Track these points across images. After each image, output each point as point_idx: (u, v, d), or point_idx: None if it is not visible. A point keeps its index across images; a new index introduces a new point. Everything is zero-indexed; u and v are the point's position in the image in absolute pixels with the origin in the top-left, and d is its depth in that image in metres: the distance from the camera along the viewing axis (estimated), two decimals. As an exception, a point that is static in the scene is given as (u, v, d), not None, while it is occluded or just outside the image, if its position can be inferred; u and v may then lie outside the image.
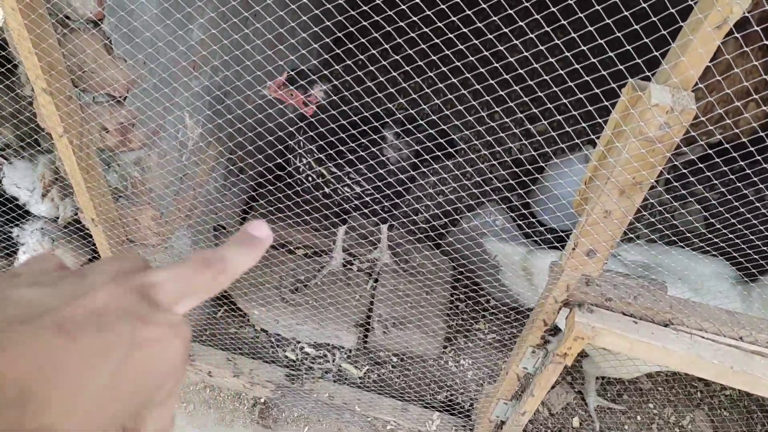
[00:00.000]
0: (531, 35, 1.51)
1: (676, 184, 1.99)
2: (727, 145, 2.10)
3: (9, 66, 2.29)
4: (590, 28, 1.35)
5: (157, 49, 1.75)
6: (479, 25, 1.51)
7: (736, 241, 2.13)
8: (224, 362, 2.73)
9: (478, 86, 1.77)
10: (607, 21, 1.38)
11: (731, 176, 2.48)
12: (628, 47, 1.30)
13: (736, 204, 2.37)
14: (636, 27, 1.28)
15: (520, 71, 1.73)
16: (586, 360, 2.74)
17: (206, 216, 2.63)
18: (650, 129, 1.27)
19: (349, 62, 1.79)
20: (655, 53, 1.25)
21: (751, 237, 2.02)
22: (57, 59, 1.61)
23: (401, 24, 1.64)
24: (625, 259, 2.58)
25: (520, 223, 3.31)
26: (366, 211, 2.62)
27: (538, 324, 1.94)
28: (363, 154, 2.28)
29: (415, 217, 3.53)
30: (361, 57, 1.70)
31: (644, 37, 1.27)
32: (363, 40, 1.82)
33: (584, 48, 1.40)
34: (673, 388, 2.95)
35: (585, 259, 1.60)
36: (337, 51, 1.93)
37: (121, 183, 2.03)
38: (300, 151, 2.35)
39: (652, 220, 3.31)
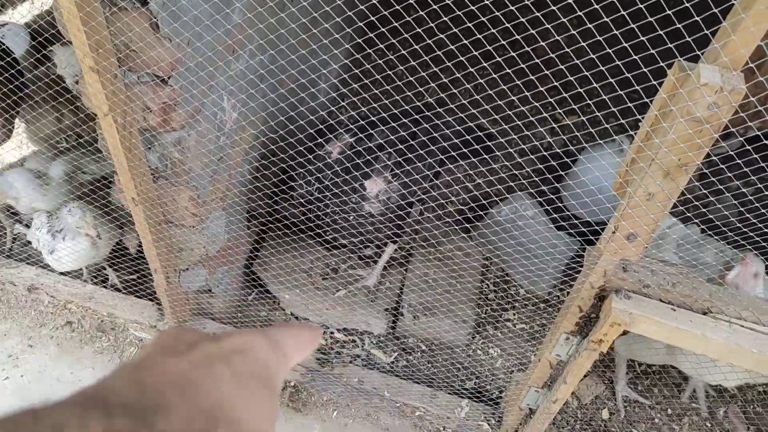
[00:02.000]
0: (563, 18, 1.50)
1: (712, 178, 1.96)
2: (766, 141, 2.06)
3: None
4: (622, 12, 1.33)
5: (201, 27, 1.78)
6: (511, 8, 1.50)
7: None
8: (256, 344, 2.76)
9: (508, 70, 1.76)
10: (640, 5, 1.36)
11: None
12: (660, 32, 1.29)
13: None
14: (669, 12, 1.26)
15: (552, 55, 1.71)
16: (619, 339, 2.70)
17: (239, 198, 2.66)
18: (698, 109, 1.26)
19: (381, 46, 1.79)
20: (706, 32, 1.23)
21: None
22: (105, 37, 1.64)
23: (434, 7, 1.64)
24: None
25: (549, 209, 3.29)
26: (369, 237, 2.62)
27: (573, 310, 1.93)
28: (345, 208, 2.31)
29: (444, 202, 3.53)
30: (394, 41, 1.70)
31: (676, 22, 1.25)
32: (396, 24, 1.81)
33: (617, 32, 1.38)
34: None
35: (625, 243, 1.59)
36: (370, 34, 1.93)
37: (161, 163, 2.06)
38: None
39: (687, 214, 3.27)
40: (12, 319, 2.95)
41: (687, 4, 1.21)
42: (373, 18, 1.74)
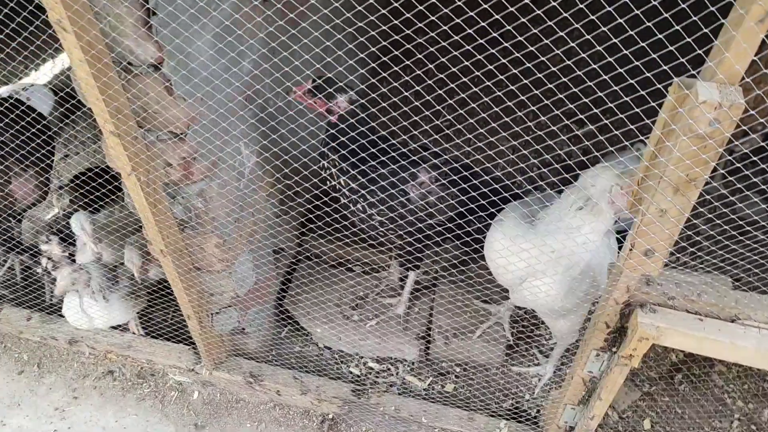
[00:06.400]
0: (572, 44, 1.53)
1: (731, 179, 1.95)
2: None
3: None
4: (631, 32, 1.36)
5: (213, 86, 1.85)
6: (520, 39, 1.54)
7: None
8: (291, 381, 2.81)
9: (521, 96, 1.80)
10: (647, 24, 1.39)
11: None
12: (671, 48, 1.31)
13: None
14: (677, 27, 1.29)
15: (564, 80, 1.75)
16: None
17: (266, 240, 2.72)
18: (700, 126, 1.27)
19: (395, 84, 1.85)
20: (699, 51, 1.26)
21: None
22: (123, 103, 1.72)
23: (444, 44, 1.68)
24: None
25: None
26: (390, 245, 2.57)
27: (599, 327, 1.94)
28: (384, 183, 2.29)
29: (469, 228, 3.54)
30: (405, 77, 1.75)
31: (686, 36, 1.28)
32: (407, 62, 1.86)
33: (626, 52, 1.41)
34: (745, 384, 2.87)
35: (643, 259, 1.60)
36: (383, 74, 1.98)
37: (185, 214, 2.13)
38: (327, 161, 2.42)
39: (711, 216, 3.22)
40: (56, 372, 3.04)
41: (677, 27, 1.24)
42: (384, 58, 1.79)
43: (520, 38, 1.47)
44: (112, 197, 3.06)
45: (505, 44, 1.45)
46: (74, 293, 2.70)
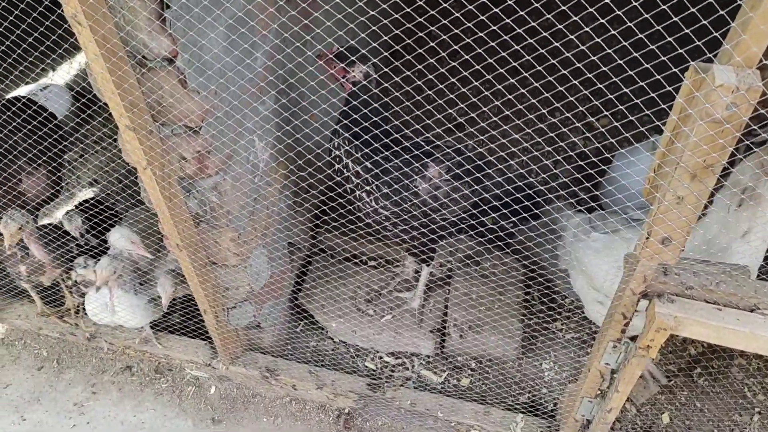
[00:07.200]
0: (586, 29, 1.52)
1: (750, 164, 1.94)
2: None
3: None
4: (646, 15, 1.35)
5: (226, 78, 1.86)
6: (533, 24, 1.53)
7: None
8: (307, 375, 2.81)
9: (536, 84, 1.78)
10: (663, 7, 1.38)
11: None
12: (687, 31, 1.30)
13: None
14: (693, 10, 1.28)
15: (578, 65, 1.73)
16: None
17: (280, 233, 2.73)
18: (717, 110, 1.26)
19: (408, 73, 1.85)
20: (715, 34, 1.24)
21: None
22: (138, 97, 1.73)
23: (456, 31, 1.68)
24: None
25: (591, 217, 3.26)
26: (404, 237, 2.60)
27: (617, 318, 1.92)
28: (396, 174, 2.26)
29: (483, 219, 3.53)
30: (419, 66, 1.75)
31: (702, 19, 1.26)
32: (420, 51, 1.86)
33: (642, 36, 1.40)
34: (766, 376, 2.83)
35: (660, 247, 1.58)
36: (396, 63, 1.98)
37: (201, 208, 2.14)
38: (338, 141, 2.41)
39: (728, 203, 3.19)
40: (75, 368, 3.08)
41: (693, 10, 1.22)
42: (397, 47, 1.79)
43: (533, 24, 1.46)
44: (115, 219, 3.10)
45: (518, 30, 1.44)
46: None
